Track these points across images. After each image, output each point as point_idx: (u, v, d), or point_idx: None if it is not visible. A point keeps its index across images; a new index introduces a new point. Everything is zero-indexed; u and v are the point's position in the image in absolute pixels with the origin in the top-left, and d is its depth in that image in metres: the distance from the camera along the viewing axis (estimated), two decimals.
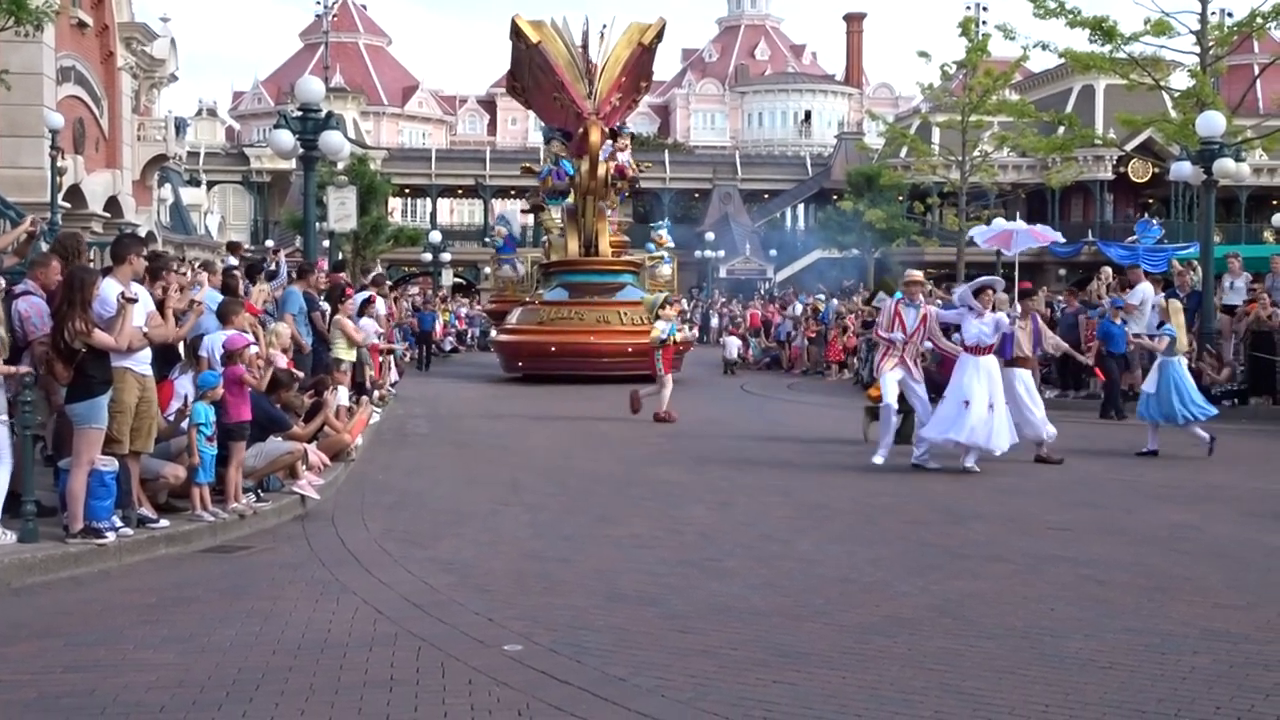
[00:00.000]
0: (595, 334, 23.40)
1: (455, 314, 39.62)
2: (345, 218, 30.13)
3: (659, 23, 25.20)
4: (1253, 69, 41.55)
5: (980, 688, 5.24)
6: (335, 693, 5.19)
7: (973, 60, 36.64)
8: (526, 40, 24.22)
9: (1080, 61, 27.23)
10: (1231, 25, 27.30)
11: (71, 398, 7.80)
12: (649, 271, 28.68)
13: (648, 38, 24.96)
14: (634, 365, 22.70)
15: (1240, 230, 52.96)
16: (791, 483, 11.38)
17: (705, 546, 8.37)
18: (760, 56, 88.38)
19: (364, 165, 45.68)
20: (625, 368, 22.21)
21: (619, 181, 25.82)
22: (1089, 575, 7.38)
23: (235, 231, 61.61)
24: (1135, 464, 12.45)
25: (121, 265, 8.21)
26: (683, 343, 22.95)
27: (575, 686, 5.25)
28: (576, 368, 22.80)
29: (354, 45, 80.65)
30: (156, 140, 40.27)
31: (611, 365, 22.46)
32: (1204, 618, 6.39)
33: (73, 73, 30.20)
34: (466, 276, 60.30)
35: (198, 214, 53.67)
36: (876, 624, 6.29)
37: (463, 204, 72.38)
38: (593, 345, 23.05)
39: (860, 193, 50.05)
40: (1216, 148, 19.62)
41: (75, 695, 5.16)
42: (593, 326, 23.64)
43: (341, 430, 12.02)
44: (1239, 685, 5.28)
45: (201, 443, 8.68)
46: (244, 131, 75.04)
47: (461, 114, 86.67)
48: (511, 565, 7.78)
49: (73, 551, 7.61)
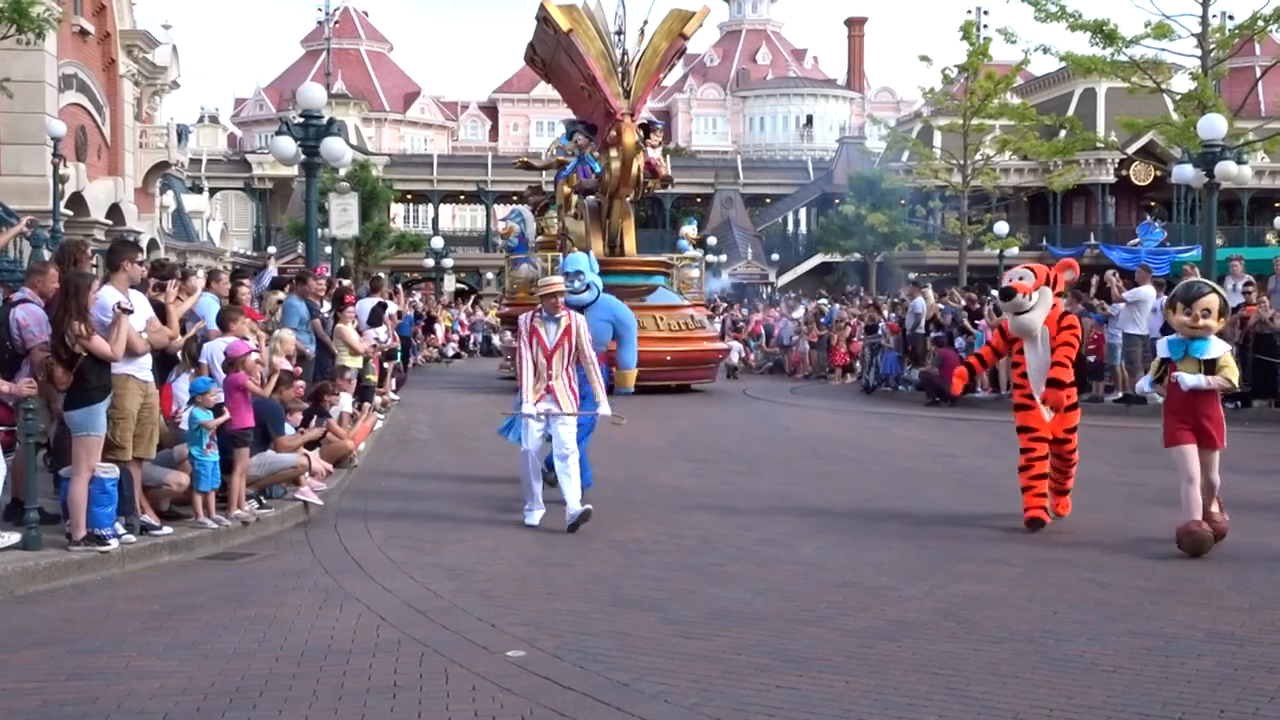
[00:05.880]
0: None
1: (457, 320, 39.64)
2: (347, 224, 30.17)
3: (703, 11, 23.44)
4: (1254, 71, 41.66)
5: (984, 692, 5.23)
6: (339, 699, 5.19)
7: (974, 64, 36.73)
8: (555, 26, 22.39)
9: (1081, 65, 27.25)
10: (1233, 28, 27.33)
11: (69, 405, 7.80)
12: (678, 273, 27.24)
13: (690, 28, 23.28)
14: (672, 375, 21.99)
15: (1243, 233, 53.00)
16: (793, 487, 11.38)
17: (707, 551, 8.36)
18: (762, 61, 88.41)
19: (366, 171, 45.78)
20: (663, 377, 21.17)
21: (650, 180, 24.24)
22: (1091, 578, 7.37)
23: (238, 238, 61.81)
24: (1138, 466, 12.43)
25: (118, 272, 8.21)
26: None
27: (578, 692, 5.25)
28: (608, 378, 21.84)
29: (355, 51, 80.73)
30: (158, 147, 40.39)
31: (647, 375, 20.85)
32: (1208, 620, 6.38)
33: (74, 80, 30.27)
34: (468, 282, 60.38)
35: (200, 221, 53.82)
36: (880, 628, 6.28)
37: (464, 210, 72.41)
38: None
39: (862, 197, 50.10)
40: (1218, 150, 19.65)
41: (78, 703, 5.16)
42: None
43: (345, 437, 12.04)
44: (1244, 688, 5.26)
45: (201, 450, 8.67)
46: (246, 138, 75.12)
47: (463, 120, 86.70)
48: (514, 570, 7.78)
49: (76, 559, 7.61)
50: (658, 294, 23.49)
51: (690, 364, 22.75)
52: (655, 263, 25.34)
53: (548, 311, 9.44)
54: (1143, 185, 52.90)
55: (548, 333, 9.41)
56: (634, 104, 22.98)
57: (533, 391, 9.34)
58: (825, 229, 55.40)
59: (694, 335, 23.01)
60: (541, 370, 9.39)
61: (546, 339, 9.40)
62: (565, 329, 9.40)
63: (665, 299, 23.53)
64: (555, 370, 9.38)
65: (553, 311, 9.42)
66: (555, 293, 9.45)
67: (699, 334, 23.35)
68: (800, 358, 28.92)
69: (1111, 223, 55.98)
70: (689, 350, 22.57)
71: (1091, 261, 48.42)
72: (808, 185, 63.19)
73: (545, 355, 9.39)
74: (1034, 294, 9.07)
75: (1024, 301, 9.07)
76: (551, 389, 9.36)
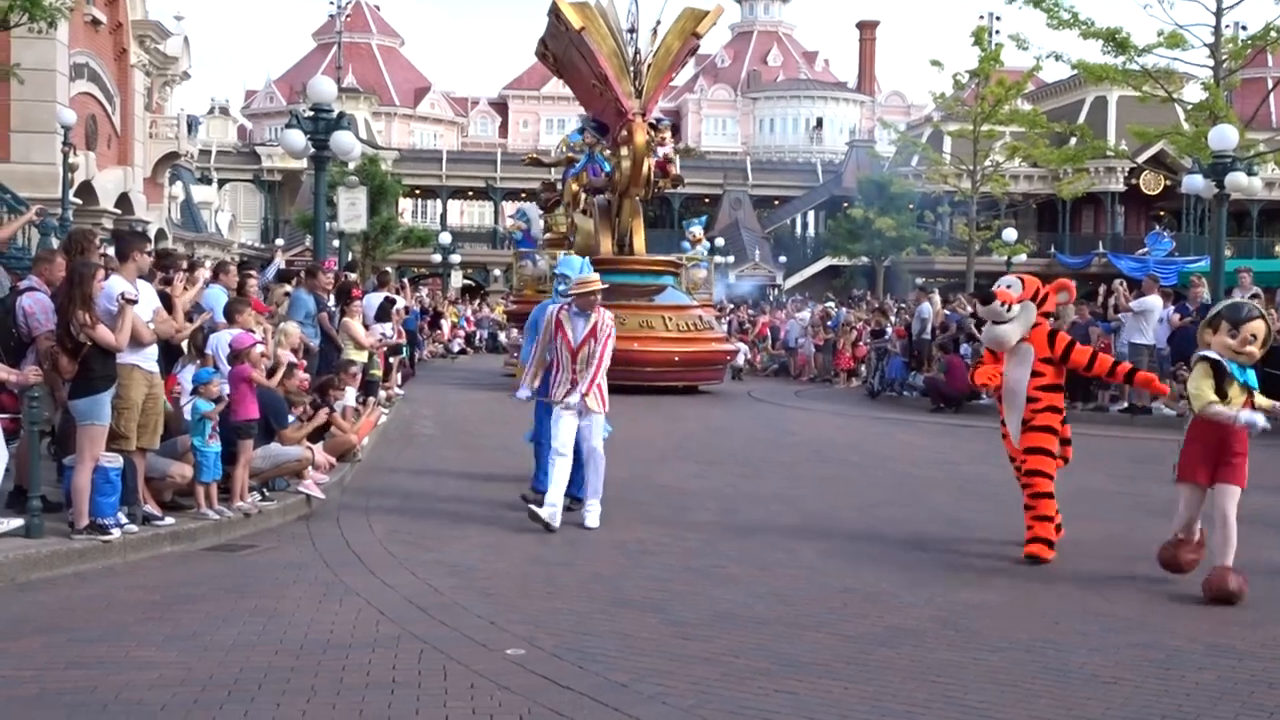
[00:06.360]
0: (639, 340, 20.46)
1: (464, 316, 39.65)
2: (356, 218, 30.17)
3: (717, 10, 23.37)
4: (1266, 83, 41.58)
5: (983, 701, 5.22)
6: (337, 694, 5.19)
7: (985, 70, 36.67)
8: (567, 23, 22.20)
9: (1093, 73, 27.17)
10: (1246, 39, 27.27)
11: (74, 394, 7.82)
12: (686, 273, 27.07)
13: (704, 28, 23.17)
14: (680, 375, 21.93)
15: (1252, 244, 52.90)
16: (796, 491, 11.37)
17: (709, 553, 8.36)
18: (773, 63, 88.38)
19: (375, 166, 45.79)
20: (671, 378, 21.16)
21: (661, 180, 23.96)
22: (1093, 589, 7.36)
23: (246, 230, 61.90)
24: (1140, 478, 12.41)
25: (126, 263, 8.22)
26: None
27: (577, 692, 5.25)
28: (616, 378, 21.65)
29: (367, 45, 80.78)
30: (168, 138, 40.49)
31: (655, 375, 20.76)
32: (1209, 634, 6.37)
33: (86, 69, 30.33)
34: (476, 278, 60.41)
35: (208, 212, 53.97)
36: (879, 634, 6.27)
37: (473, 206, 72.47)
38: (636, 354, 19.52)
39: (871, 200, 50.05)
40: (1229, 161, 19.58)
41: (77, 692, 5.16)
42: (635, 333, 20.42)
43: (349, 431, 12.04)
44: (1243, 702, 5.25)
45: (203, 441, 8.68)
46: (256, 130, 75.17)
47: (473, 116, 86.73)
48: (515, 568, 7.78)
49: (77, 547, 7.62)
50: (666, 294, 23.35)
51: (698, 365, 22.62)
52: (664, 262, 25.18)
53: (580, 308, 9.37)
54: (1152, 194, 52.84)
55: (574, 328, 9.33)
56: (646, 104, 22.89)
57: (560, 388, 9.29)
58: (833, 232, 55.38)
59: (703, 336, 22.88)
60: (565, 365, 9.34)
61: (572, 335, 9.32)
62: (593, 327, 9.34)
63: (674, 299, 23.37)
64: (580, 367, 9.32)
65: (585, 309, 9.37)
66: (593, 292, 9.37)
67: (708, 335, 23.25)
68: (806, 360, 28.89)
69: (1120, 231, 55.89)
70: (697, 351, 22.47)
71: (1099, 270, 48.47)
72: (817, 188, 63.17)
73: (570, 351, 9.32)
74: (1016, 306, 8.37)
75: (1002, 311, 8.39)
76: (576, 384, 9.29)
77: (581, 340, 9.33)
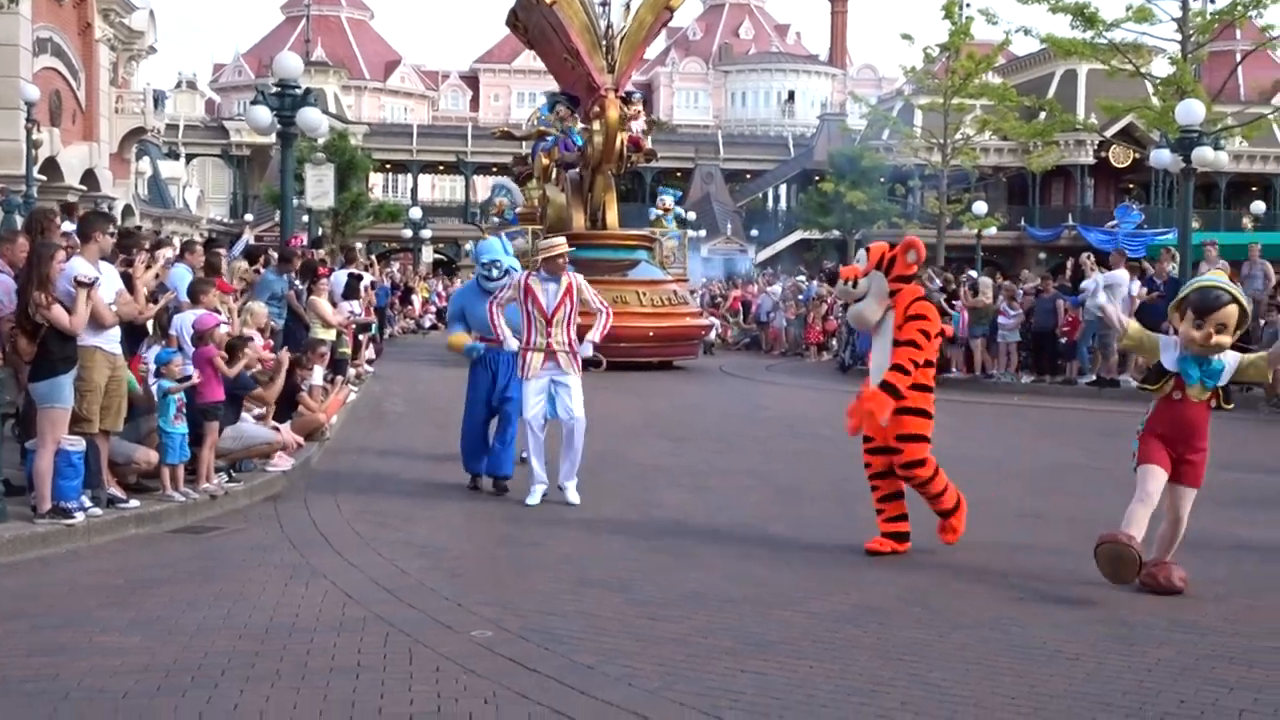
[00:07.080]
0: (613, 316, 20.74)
1: (435, 292, 39.46)
2: (323, 194, 30.00)
3: None
4: (1234, 56, 41.68)
5: (947, 678, 5.24)
6: (301, 679, 5.16)
7: (955, 44, 36.65)
8: None
9: (1062, 47, 27.27)
10: (1213, 12, 27.37)
11: (34, 376, 7.73)
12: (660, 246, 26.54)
13: (677, 1, 23.24)
14: (655, 351, 21.80)
15: (1219, 217, 53.19)
16: (769, 466, 11.39)
17: (678, 531, 8.36)
18: (744, 35, 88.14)
19: (344, 140, 45.48)
20: (645, 354, 21.05)
21: (634, 154, 23.89)
22: (1058, 564, 7.40)
23: (215, 205, 61.33)
24: (1109, 451, 12.47)
25: (88, 243, 8.13)
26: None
27: (542, 674, 5.24)
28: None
29: (336, 18, 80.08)
30: (134, 113, 40.06)
31: (630, 351, 20.21)
32: (1172, 609, 6.41)
33: (49, 44, 29.92)
34: (447, 253, 60.10)
35: (176, 187, 53.41)
36: (847, 613, 6.29)
37: (444, 180, 72.04)
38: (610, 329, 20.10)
39: (842, 174, 50.03)
40: (1196, 136, 19.67)
41: (38, 680, 5.12)
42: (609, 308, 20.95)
43: (316, 410, 11.97)
44: (1204, 678, 5.29)
45: (169, 421, 8.61)
46: (224, 104, 74.48)
47: (444, 89, 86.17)
48: (483, 549, 7.77)
49: (40, 532, 7.56)
50: (640, 268, 23.20)
51: (673, 340, 22.55)
52: (638, 237, 25.01)
53: (548, 273, 9.29)
54: (1121, 168, 53.01)
55: (547, 294, 9.24)
56: (618, 79, 22.77)
57: (534, 355, 9.22)
58: (805, 205, 55.34)
59: (677, 311, 22.79)
60: (541, 332, 9.23)
61: (545, 301, 9.22)
62: (567, 289, 9.29)
63: (648, 274, 23.21)
64: (555, 333, 9.24)
65: (554, 273, 9.28)
66: (559, 255, 9.28)
67: (682, 309, 23.16)
68: (777, 334, 28.93)
69: (1090, 204, 56.10)
70: (672, 326, 22.38)
71: (1069, 243, 48.70)
72: (788, 161, 63.06)
73: (544, 318, 9.22)
74: (863, 280, 7.64)
75: (849, 289, 7.73)
76: (553, 352, 9.23)
77: (557, 304, 9.28)
